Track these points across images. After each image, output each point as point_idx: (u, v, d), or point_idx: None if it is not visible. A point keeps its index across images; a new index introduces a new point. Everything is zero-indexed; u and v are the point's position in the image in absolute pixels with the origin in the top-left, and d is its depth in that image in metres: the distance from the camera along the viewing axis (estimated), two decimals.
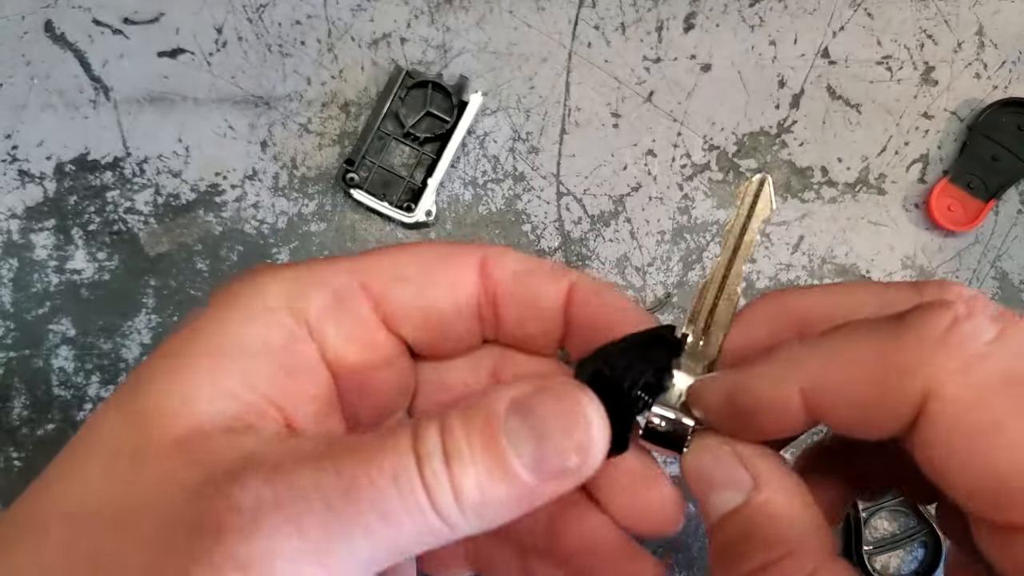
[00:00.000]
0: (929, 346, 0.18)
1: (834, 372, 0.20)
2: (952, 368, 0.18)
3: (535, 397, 0.20)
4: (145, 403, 0.20)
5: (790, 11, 0.54)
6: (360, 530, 0.18)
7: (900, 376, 0.18)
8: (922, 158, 0.54)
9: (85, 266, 0.51)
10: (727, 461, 0.22)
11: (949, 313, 0.19)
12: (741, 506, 0.21)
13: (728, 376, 0.22)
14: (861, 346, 0.19)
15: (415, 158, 0.53)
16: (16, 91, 0.52)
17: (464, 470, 0.19)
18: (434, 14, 0.53)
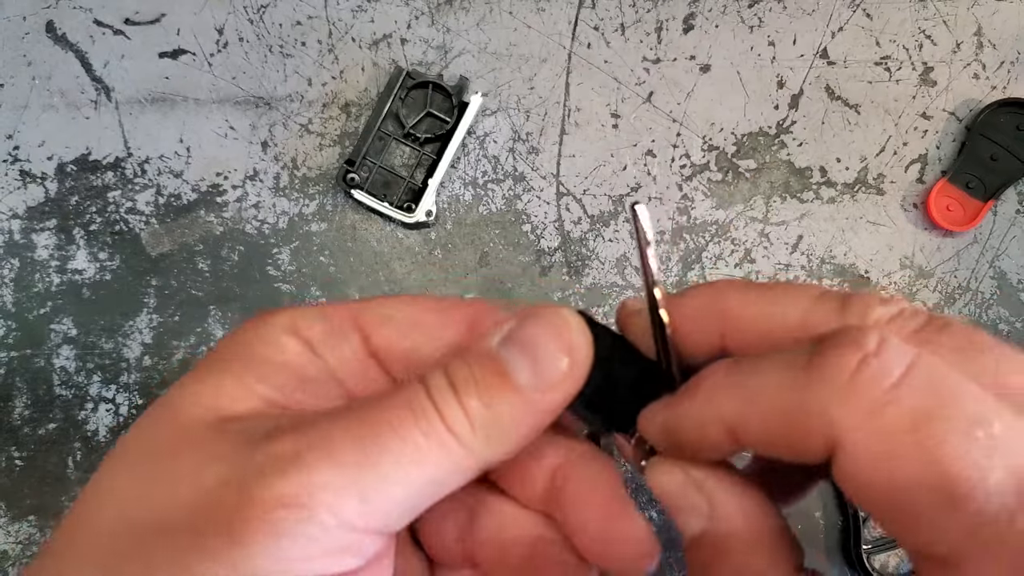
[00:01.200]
0: (835, 392, 0.18)
1: (750, 412, 0.20)
2: (857, 417, 0.18)
3: (519, 325, 0.22)
4: (180, 405, 0.22)
5: (789, 12, 0.55)
6: (388, 459, 0.20)
7: (808, 422, 0.19)
8: (921, 158, 0.55)
9: (86, 266, 0.52)
10: (681, 486, 0.22)
11: (857, 353, 0.18)
12: (702, 533, 0.22)
13: (659, 412, 0.23)
14: (774, 387, 0.20)
15: (415, 158, 0.53)
16: (18, 91, 0.52)
17: (469, 391, 0.21)
18: (434, 15, 0.53)
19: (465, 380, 0.21)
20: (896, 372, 0.18)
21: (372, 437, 0.20)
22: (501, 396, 0.21)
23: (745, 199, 0.54)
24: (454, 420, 0.21)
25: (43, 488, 0.51)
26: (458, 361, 0.22)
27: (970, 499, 0.17)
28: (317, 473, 0.19)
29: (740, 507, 0.22)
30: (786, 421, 0.19)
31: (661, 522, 0.52)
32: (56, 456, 0.51)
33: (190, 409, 0.22)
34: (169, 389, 0.23)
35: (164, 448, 0.21)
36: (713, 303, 0.23)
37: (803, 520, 0.52)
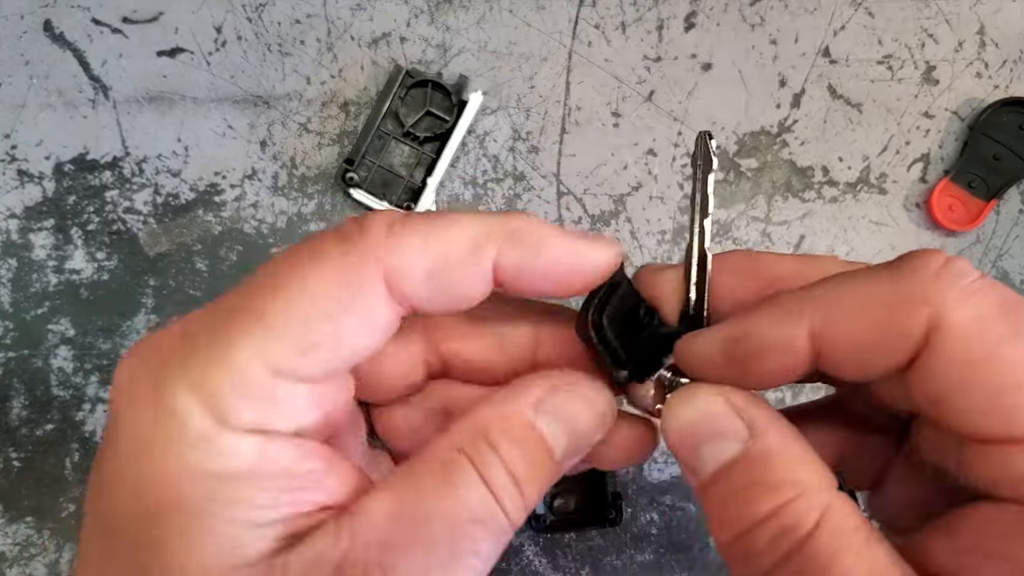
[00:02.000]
0: (931, 281, 0.20)
1: (843, 310, 0.21)
2: (953, 298, 0.19)
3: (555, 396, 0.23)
4: None
5: (791, 10, 0.54)
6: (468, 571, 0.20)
7: (908, 308, 0.20)
8: (923, 158, 0.54)
9: (84, 266, 0.51)
10: (721, 410, 0.22)
11: (940, 255, 0.20)
12: (739, 456, 0.21)
13: (727, 324, 0.22)
14: (867, 285, 0.21)
15: (415, 157, 0.53)
16: (15, 91, 0.52)
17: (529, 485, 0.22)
18: (434, 13, 0.53)
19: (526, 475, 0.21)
20: (975, 273, 0.20)
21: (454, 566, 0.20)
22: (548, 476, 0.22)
23: (747, 198, 0.54)
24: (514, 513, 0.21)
25: (41, 489, 0.50)
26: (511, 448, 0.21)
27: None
28: None
29: (779, 429, 0.22)
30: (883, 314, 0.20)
31: (662, 523, 0.52)
32: (54, 457, 0.50)
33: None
34: (130, 555, 0.20)
35: None
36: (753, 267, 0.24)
37: None
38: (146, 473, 0.19)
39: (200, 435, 0.19)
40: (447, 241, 0.22)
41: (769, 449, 0.21)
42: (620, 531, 0.51)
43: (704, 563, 0.52)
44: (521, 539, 0.51)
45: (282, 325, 0.20)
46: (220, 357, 0.20)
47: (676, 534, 0.52)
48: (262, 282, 0.21)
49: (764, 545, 0.20)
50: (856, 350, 0.21)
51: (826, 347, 0.21)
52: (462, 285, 0.22)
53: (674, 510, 0.52)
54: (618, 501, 0.50)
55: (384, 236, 0.21)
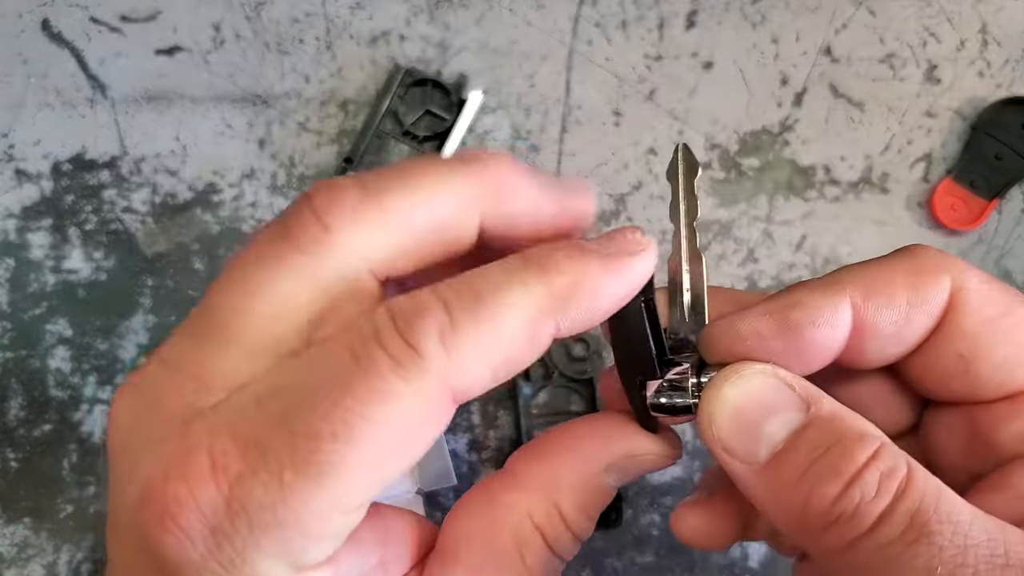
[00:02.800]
0: (942, 256, 0.23)
1: (879, 281, 0.23)
2: (964, 267, 0.23)
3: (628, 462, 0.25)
4: None
5: (792, 9, 0.54)
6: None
7: (933, 274, 0.23)
8: (925, 157, 0.54)
9: (82, 266, 0.51)
10: (775, 384, 0.22)
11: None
12: (805, 424, 0.21)
13: (771, 300, 0.23)
14: (892, 263, 0.23)
15: (415, 156, 0.52)
16: (13, 90, 0.51)
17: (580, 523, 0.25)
18: (433, 12, 0.53)
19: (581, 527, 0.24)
20: None
21: None
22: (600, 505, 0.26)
23: (748, 198, 0.53)
24: None
25: (38, 490, 0.50)
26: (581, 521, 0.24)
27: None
28: None
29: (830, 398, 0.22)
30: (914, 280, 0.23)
31: (664, 525, 0.51)
32: (51, 458, 0.50)
33: None
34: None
35: None
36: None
37: None
38: None
39: None
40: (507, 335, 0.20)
41: (834, 410, 0.21)
42: (621, 533, 0.51)
43: (705, 565, 0.51)
44: None
45: (356, 476, 0.19)
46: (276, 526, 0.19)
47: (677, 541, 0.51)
48: (329, 431, 0.18)
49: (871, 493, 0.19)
50: (892, 318, 0.23)
51: (866, 314, 0.23)
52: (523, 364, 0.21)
53: None
54: (619, 503, 0.50)
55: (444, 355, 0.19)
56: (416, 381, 0.18)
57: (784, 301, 0.23)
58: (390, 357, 0.19)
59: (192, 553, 0.18)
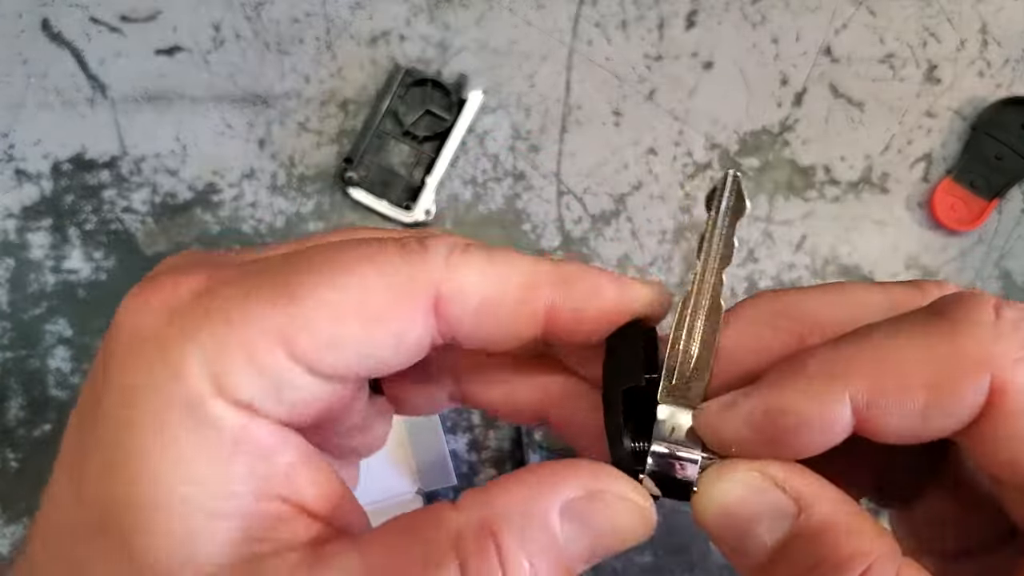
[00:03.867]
0: (989, 336, 0.17)
1: (891, 376, 0.18)
2: (1016, 357, 0.17)
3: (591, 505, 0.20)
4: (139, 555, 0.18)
5: (792, 9, 0.54)
6: None
7: (966, 371, 0.17)
8: (925, 157, 0.54)
9: (82, 266, 0.51)
10: (763, 488, 0.20)
11: (989, 302, 0.18)
12: (794, 533, 0.19)
13: (756, 398, 0.20)
14: (916, 343, 0.18)
15: (414, 157, 0.52)
16: (13, 90, 0.51)
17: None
18: (433, 12, 0.53)
19: None
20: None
21: None
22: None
23: (748, 198, 0.53)
24: None
25: (38, 490, 0.50)
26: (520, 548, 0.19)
27: None
28: None
29: (827, 496, 0.20)
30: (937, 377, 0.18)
31: (663, 526, 0.51)
32: (51, 458, 0.50)
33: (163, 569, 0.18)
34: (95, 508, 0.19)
35: None
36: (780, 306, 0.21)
37: None
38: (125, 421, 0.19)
39: (194, 399, 0.18)
40: (505, 275, 0.21)
41: (824, 521, 0.19)
42: None
43: (704, 566, 0.51)
44: None
45: (314, 313, 0.19)
46: (241, 332, 0.19)
47: (676, 536, 0.51)
48: (307, 261, 0.20)
49: None
50: (906, 420, 0.18)
51: (872, 418, 0.19)
52: (513, 322, 0.21)
53: (674, 512, 0.52)
54: None
55: (445, 257, 0.20)
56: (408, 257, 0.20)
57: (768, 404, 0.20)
58: (397, 241, 0.20)
59: (143, 320, 0.19)
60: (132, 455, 0.18)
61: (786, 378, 0.19)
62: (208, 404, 0.18)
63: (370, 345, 0.20)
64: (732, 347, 0.21)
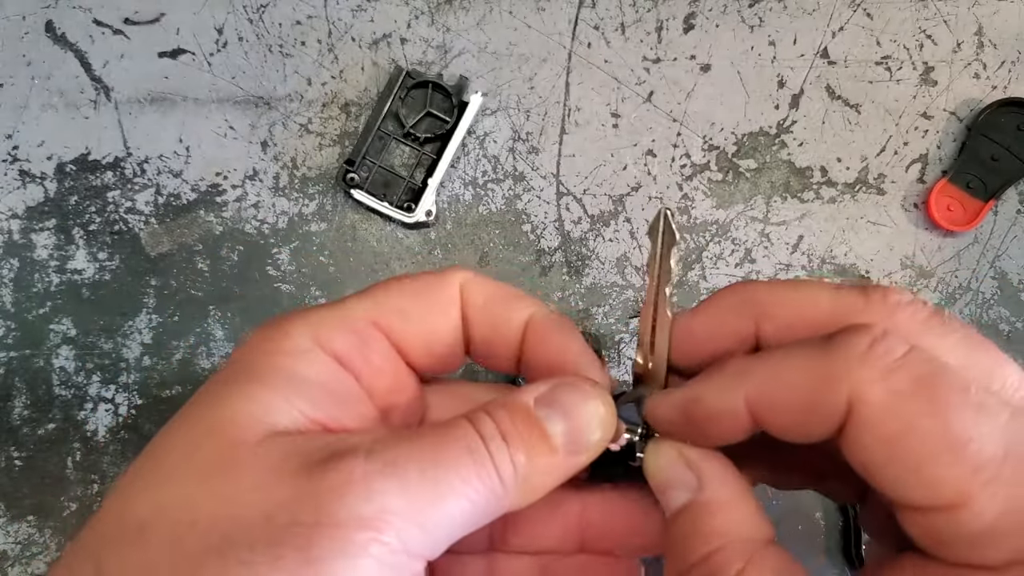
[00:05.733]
0: (853, 361, 0.22)
1: (774, 384, 0.23)
2: (871, 378, 0.21)
3: (556, 391, 0.25)
4: (221, 416, 0.23)
5: (789, 11, 0.54)
6: (449, 495, 0.22)
7: (829, 386, 0.22)
8: (921, 158, 0.55)
9: (86, 266, 0.51)
10: (675, 463, 0.25)
11: (869, 336, 0.22)
12: (688, 503, 0.24)
13: (681, 390, 0.25)
14: (797, 362, 0.23)
15: (415, 158, 0.53)
16: (17, 91, 0.52)
17: (516, 444, 0.23)
18: (434, 15, 0.53)
19: (513, 434, 0.24)
20: (900, 350, 0.22)
21: (436, 472, 0.22)
22: (541, 454, 0.24)
23: (745, 199, 0.54)
24: (504, 469, 0.23)
25: (42, 488, 0.50)
26: (504, 413, 0.24)
27: (969, 443, 0.20)
28: (391, 498, 0.21)
29: (724, 481, 0.25)
30: (808, 389, 0.22)
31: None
32: (56, 456, 0.51)
33: (239, 425, 0.22)
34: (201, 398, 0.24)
35: (216, 462, 0.22)
36: (745, 295, 0.26)
37: (803, 521, 0.52)
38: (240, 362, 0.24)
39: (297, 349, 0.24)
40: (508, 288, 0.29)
41: (710, 500, 0.24)
42: None
43: None
44: None
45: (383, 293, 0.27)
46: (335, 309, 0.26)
47: None
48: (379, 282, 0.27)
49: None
50: (785, 420, 0.23)
51: (761, 415, 0.23)
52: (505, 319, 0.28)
53: None
54: None
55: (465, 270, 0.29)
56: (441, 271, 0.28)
57: (689, 395, 0.25)
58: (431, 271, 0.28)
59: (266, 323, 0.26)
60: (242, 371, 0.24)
61: (707, 376, 0.25)
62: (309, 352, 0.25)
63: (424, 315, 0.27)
64: (702, 330, 0.27)
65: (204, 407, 0.23)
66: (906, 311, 0.24)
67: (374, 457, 0.22)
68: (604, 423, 0.25)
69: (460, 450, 0.23)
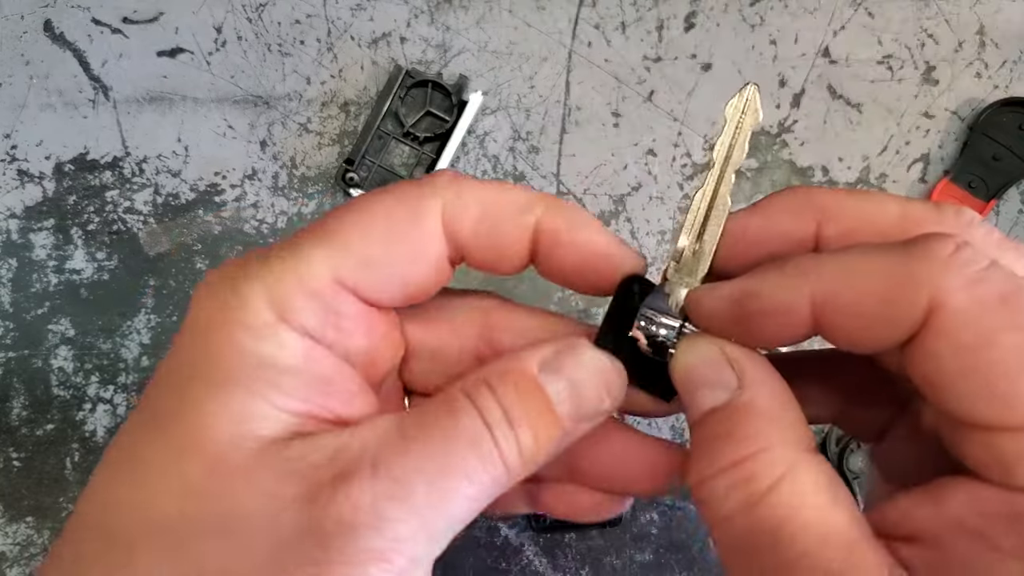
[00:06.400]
0: (937, 265, 0.20)
1: (847, 282, 0.21)
2: (956, 285, 0.20)
3: (560, 357, 0.23)
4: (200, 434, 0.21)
5: (791, 10, 0.54)
6: (456, 497, 0.21)
7: (910, 288, 0.20)
8: (923, 158, 0.54)
9: (84, 266, 0.51)
10: (715, 360, 0.23)
11: (952, 241, 0.20)
12: (724, 404, 0.22)
13: (737, 282, 0.23)
14: (874, 261, 0.21)
15: (415, 158, 0.53)
16: (15, 91, 0.52)
17: (523, 428, 0.22)
18: (434, 13, 0.53)
19: (520, 416, 0.22)
20: (984, 262, 0.20)
21: (445, 482, 0.21)
22: (547, 429, 0.23)
23: (747, 199, 0.54)
24: (509, 455, 0.22)
25: (41, 489, 0.50)
26: (508, 391, 0.22)
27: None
28: (402, 526, 0.20)
29: (769, 385, 0.23)
30: (885, 290, 0.20)
31: (662, 523, 0.52)
32: (54, 457, 0.50)
33: (221, 442, 0.21)
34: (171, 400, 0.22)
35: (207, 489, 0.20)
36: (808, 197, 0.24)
37: None
38: (200, 342, 0.22)
39: (261, 325, 0.22)
40: (502, 196, 0.25)
41: (751, 402, 0.22)
42: (620, 531, 0.51)
43: (704, 563, 0.52)
44: (521, 539, 0.51)
45: (345, 240, 0.23)
46: (293, 266, 0.23)
47: (676, 534, 0.52)
48: (339, 209, 0.24)
49: (721, 494, 0.21)
50: (854, 323, 0.21)
51: (827, 316, 0.21)
52: (508, 239, 0.25)
53: (674, 510, 0.52)
54: None
55: (448, 180, 0.24)
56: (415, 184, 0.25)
57: (743, 289, 0.23)
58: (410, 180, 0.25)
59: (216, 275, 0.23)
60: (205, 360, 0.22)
61: (766, 271, 0.23)
62: (276, 332, 0.22)
63: (396, 261, 0.24)
64: (757, 230, 0.25)
65: (178, 416, 0.21)
66: (980, 230, 0.22)
67: (380, 474, 0.20)
68: (613, 389, 0.24)
69: (465, 447, 0.21)
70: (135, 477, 0.21)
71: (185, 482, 0.21)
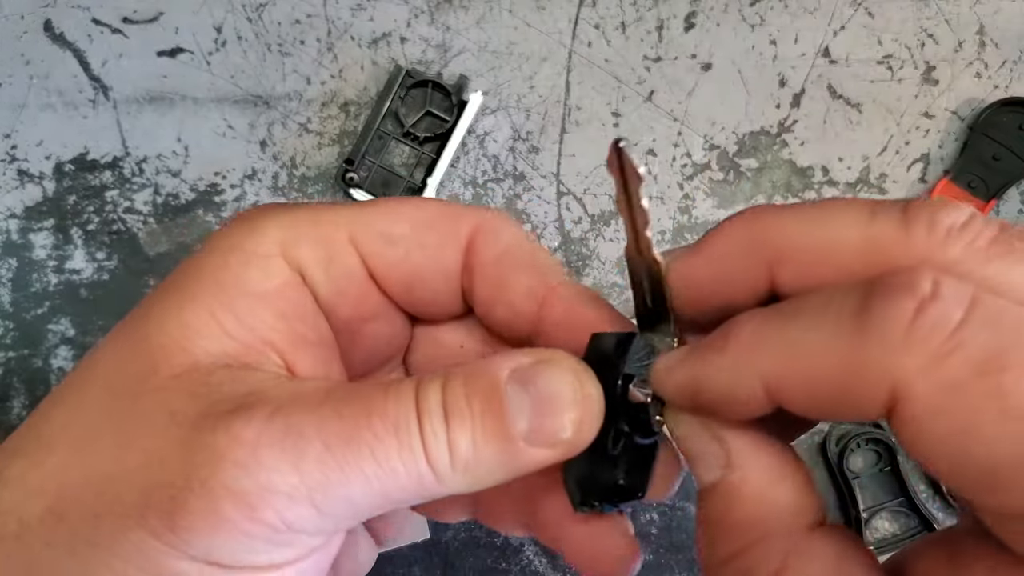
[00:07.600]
0: (893, 344, 0.16)
1: (795, 367, 0.18)
2: (917, 367, 0.16)
3: (536, 368, 0.21)
4: (145, 335, 0.21)
5: (791, 10, 0.54)
6: (356, 475, 0.19)
7: (865, 377, 0.17)
8: (923, 158, 0.54)
9: (84, 266, 0.51)
10: (700, 437, 0.21)
11: (912, 301, 0.17)
12: (717, 483, 0.20)
13: (686, 361, 0.20)
14: (823, 340, 0.18)
15: (415, 158, 0.53)
16: (15, 91, 0.52)
17: (461, 427, 0.20)
18: (434, 13, 0.53)
19: (460, 413, 0.20)
20: (956, 315, 0.16)
21: (346, 451, 0.19)
22: (492, 441, 0.20)
23: (747, 198, 0.54)
24: (437, 456, 0.20)
25: None
26: (459, 383, 0.20)
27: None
28: (277, 476, 0.18)
29: (757, 456, 0.20)
30: (838, 377, 0.17)
31: (662, 523, 0.52)
32: None
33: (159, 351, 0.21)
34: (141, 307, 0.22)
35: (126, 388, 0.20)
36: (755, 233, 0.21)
37: None
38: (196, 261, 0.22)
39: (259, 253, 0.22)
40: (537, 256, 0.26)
41: (741, 483, 0.20)
42: None
43: None
44: (521, 539, 0.51)
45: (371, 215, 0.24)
46: (313, 216, 0.23)
47: (676, 534, 0.52)
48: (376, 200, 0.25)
49: None
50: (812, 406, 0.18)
51: (784, 398, 0.19)
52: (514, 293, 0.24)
53: (674, 510, 0.52)
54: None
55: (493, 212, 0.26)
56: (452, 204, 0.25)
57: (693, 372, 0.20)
58: None
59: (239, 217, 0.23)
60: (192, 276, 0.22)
61: (714, 346, 0.20)
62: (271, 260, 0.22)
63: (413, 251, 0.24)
64: (706, 280, 0.22)
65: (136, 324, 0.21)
66: (960, 239, 0.18)
67: (277, 420, 0.19)
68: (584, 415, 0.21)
69: (382, 425, 0.19)
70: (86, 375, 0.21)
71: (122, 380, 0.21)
